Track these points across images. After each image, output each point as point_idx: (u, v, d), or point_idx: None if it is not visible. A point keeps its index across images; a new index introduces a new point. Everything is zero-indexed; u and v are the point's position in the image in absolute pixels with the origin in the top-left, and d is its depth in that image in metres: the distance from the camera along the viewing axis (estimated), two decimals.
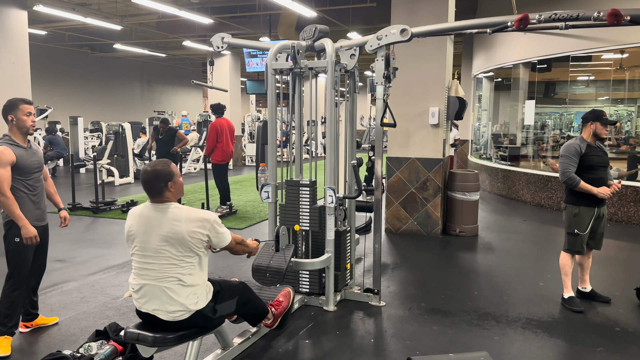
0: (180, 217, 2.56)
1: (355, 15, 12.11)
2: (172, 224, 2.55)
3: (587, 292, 4.30)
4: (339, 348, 3.39)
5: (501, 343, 3.47)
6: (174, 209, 2.60)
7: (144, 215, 2.63)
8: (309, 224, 4.03)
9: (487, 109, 12.30)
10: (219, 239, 2.68)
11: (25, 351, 3.34)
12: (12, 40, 9.21)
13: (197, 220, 2.57)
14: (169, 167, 2.66)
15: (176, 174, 2.68)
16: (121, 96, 22.41)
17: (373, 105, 21.19)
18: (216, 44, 4.50)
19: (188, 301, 2.60)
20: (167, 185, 2.62)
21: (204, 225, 2.58)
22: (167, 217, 2.57)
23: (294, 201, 4.07)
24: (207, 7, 12.56)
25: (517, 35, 8.79)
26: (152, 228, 2.58)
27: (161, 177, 2.61)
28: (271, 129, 4.14)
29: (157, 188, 2.60)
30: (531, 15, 3.47)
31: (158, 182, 2.60)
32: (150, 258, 2.58)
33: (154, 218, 2.59)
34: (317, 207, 4.00)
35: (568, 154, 4.02)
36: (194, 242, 2.56)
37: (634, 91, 9.29)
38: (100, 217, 7.63)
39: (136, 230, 2.62)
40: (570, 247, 4.14)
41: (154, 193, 2.62)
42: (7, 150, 3.23)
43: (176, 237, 2.54)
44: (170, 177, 2.63)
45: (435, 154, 6.40)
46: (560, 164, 4.07)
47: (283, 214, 4.11)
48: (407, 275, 4.99)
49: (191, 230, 2.55)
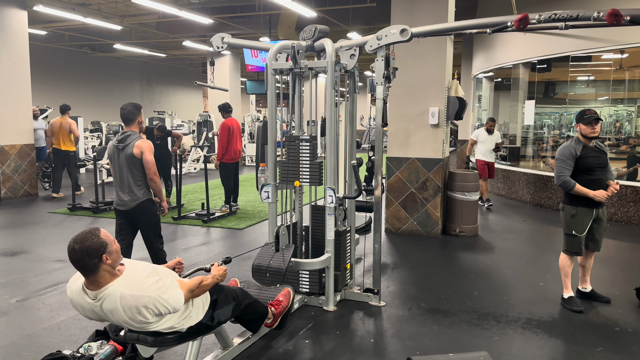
0: (116, 308, 2.32)
1: (355, 15, 12.11)
2: (113, 316, 2.36)
3: (587, 292, 4.29)
4: (339, 348, 3.39)
5: (501, 343, 3.48)
6: (108, 299, 2.32)
7: (83, 307, 2.40)
8: (309, 180, 3.97)
9: (487, 109, 12.30)
10: (170, 309, 2.40)
11: (26, 351, 3.34)
12: (12, 40, 9.22)
13: (135, 309, 2.32)
14: (99, 239, 2.31)
15: (109, 242, 2.35)
16: (121, 96, 22.39)
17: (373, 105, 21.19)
18: (216, 44, 4.50)
19: (182, 325, 2.60)
20: (101, 259, 2.29)
21: (142, 312, 2.34)
22: (106, 309, 2.34)
23: (294, 157, 4.00)
24: (207, 7, 12.56)
25: (517, 35, 8.79)
26: (101, 316, 2.42)
27: (92, 253, 2.27)
28: (271, 129, 4.14)
29: (91, 266, 2.28)
30: (531, 15, 3.47)
31: (90, 258, 2.27)
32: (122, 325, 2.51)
33: (95, 310, 2.38)
34: (317, 163, 3.96)
35: (562, 157, 3.98)
36: (143, 325, 2.40)
37: (633, 91, 9.29)
38: (100, 217, 7.63)
39: (88, 317, 2.48)
40: (569, 248, 4.11)
41: (88, 272, 2.30)
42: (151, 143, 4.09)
43: (125, 322, 2.41)
44: (104, 249, 2.30)
45: (435, 154, 6.40)
46: (555, 167, 4.03)
47: (284, 171, 4.04)
48: (407, 275, 4.99)
49: (133, 318, 2.37)
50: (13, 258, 5.50)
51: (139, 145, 3.94)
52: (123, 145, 3.98)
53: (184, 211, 7.96)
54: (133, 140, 3.97)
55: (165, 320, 2.50)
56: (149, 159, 3.97)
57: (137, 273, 2.40)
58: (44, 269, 5.07)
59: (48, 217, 7.66)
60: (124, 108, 4.03)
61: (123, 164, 4.00)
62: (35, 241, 6.22)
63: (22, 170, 9.42)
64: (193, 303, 2.65)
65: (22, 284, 4.66)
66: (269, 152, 4.10)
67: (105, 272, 2.33)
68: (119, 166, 4.03)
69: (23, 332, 3.62)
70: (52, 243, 6.13)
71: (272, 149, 4.10)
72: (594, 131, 3.93)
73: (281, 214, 4.24)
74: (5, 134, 9.17)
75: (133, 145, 3.94)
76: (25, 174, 9.50)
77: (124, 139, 4.00)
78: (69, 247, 2.29)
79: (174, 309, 2.43)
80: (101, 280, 2.33)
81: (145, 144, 3.98)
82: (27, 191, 9.53)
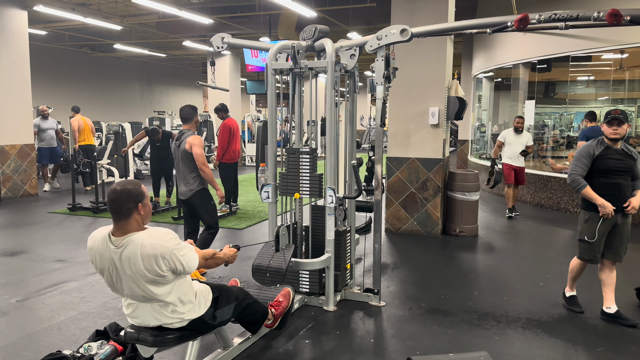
0: (135, 254, 2.38)
1: (355, 16, 12.11)
2: (129, 264, 2.39)
3: (611, 313, 3.82)
4: (339, 348, 3.39)
5: (501, 343, 3.48)
6: (130, 245, 2.39)
7: (103, 255, 2.46)
8: (309, 192, 3.98)
9: (487, 109, 12.30)
10: (182, 268, 2.46)
11: (26, 351, 3.34)
12: (12, 40, 9.22)
13: (152, 257, 2.37)
14: (140, 188, 2.46)
15: (146, 196, 2.49)
16: (121, 96, 22.41)
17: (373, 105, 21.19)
18: (216, 44, 4.50)
19: (183, 314, 2.60)
20: (137, 206, 2.41)
21: (159, 261, 2.39)
22: (124, 256, 2.39)
23: (294, 169, 4.02)
24: (207, 7, 12.56)
25: (517, 35, 8.79)
26: (115, 267, 2.45)
27: (132, 197, 2.40)
28: (271, 129, 4.14)
29: (126, 209, 2.39)
30: (531, 15, 3.47)
31: (128, 201, 2.39)
32: (127, 289, 2.50)
33: (114, 258, 2.42)
34: (317, 175, 3.97)
35: (579, 154, 3.78)
36: (155, 277, 2.42)
37: (633, 91, 9.30)
38: (101, 217, 7.63)
39: (101, 268, 2.51)
40: (582, 256, 3.89)
41: (121, 215, 2.40)
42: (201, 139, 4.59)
43: (138, 274, 2.42)
44: (141, 198, 2.43)
45: (435, 154, 6.40)
46: (570, 164, 3.84)
47: (284, 183, 4.06)
48: (407, 275, 4.99)
49: (148, 268, 2.39)
50: (13, 258, 5.50)
51: (189, 141, 4.56)
52: (179, 142, 4.61)
53: None
54: (186, 137, 4.59)
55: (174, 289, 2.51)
56: (197, 151, 4.54)
57: (158, 230, 2.49)
58: (44, 269, 5.07)
59: (48, 217, 7.66)
60: (183, 109, 4.67)
61: (179, 159, 4.64)
62: (35, 241, 6.22)
63: (22, 170, 9.43)
64: (196, 295, 2.66)
65: (22, 284, 4.66)
66: (269, 152, 4.10)
67: (134, 221, 2.44)
68: (177, 160, 4.67)
69: (23, 332, 3.62)
70: (52, 243, 6.13)
71: (272, 149, 4.10)
72: (615, 132, 3.66)
73: (281, 214, 4.24)
74: (5, 134, 9.17)
75: (185, 142, 4.56)
76: (25, 174, 9.50)
77: (180, 137, 4.63)
78: (111, 188, 2.43)
79: (188, 268, 2.49)
80: (129, 227, 2.43)
81: (195, 140, 4.56)
82: (27, 191, 9.54)
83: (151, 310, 2.55)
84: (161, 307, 2.54)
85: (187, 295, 2.59)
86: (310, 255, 4.21)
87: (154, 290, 2.47)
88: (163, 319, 2.56)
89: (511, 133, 7.68)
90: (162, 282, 2.46)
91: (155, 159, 8.17)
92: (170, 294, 2.52)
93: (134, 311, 2.59)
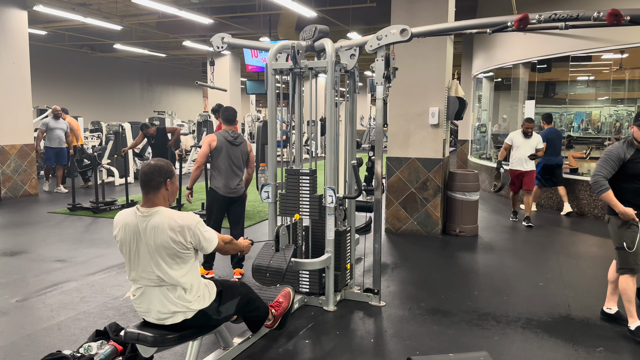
0: (162, 224, 2.51)
1: (355, 15, 12.12)
2: (154, 234, 2.50)
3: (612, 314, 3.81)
4: (339, 348, 3.39)
5: (501, 343, 3.48)
6: (157, 215, 2.54)
7: (128, 224, 2.59)
8: (309, 213, 4.00)
9: (487, 109, 12.30)
10: (204, 244, 2.61)
11: (26, 351, 3.34)
12: (12, 40, 9.22)
13: (178, 227, 2.51)
14: (171, 167, 2.66)
15: (175, 175, 2.68)
16: (121, 96, 22.41)
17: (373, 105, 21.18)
18: (216, 44, 4.50)
19: (190, 303, 2.60)
20: (165, 181, 2.60)
21: (185, 232, 2.52)
22: (150, 225, 2.52)
23: (293, 190, 4.04)
24: (207, 7, 12.56)
25: (517, 35, 8.79)
26: (138, 238, 2.55)
27: (163, 172, 2.59)
28: (271, 129, 4.14)
29: (156, 182, 2.57)
30: (531, 15, 3.47)
31: (159, 175, 2.58)
32: (142, 266, 2.56)
33: (139, 228, 2.54)
34: (317, 196, 3.98)
35: (606, 156, 3.53)
36: (178, 249, 2.52)
37: (634, 91, 9.30)
38: (101, 217, 7.63)
39: (123, 240, 2.60)
40: (623, 266, 3.55)
41: (151, 187, 2.57)
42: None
43: (160, 247, 2.51)
44: (170, 175, 2.63)
45: (435, 154, 6.40)
46: (596, 165, 3.58)
47: (283, 204, 4.09)
48: (407, 275, 4.99)
49: (173, 238, 2.50)
50: (13, 258, 5.50)
51: (249, 144, 4.89)
52: (238, 142, 4.73)
53: (183, 211, 7.94)
54: (244, 139, 4.83)
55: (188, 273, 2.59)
56: (253, 154, 4.95)
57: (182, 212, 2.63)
58: (44, 269, 5.07)
59: (48, 217, 7.66)
60: (228, 110, 4.82)
61: (239, 158, 4.74)
62: (35, 241, 6.22)
63: (22, 170, 9.42)
64: (201, 287, 2.68)
65: (22, 284, 4.66)
66: (269, 152, 4.10)
67: (162, 195, 2.61)
68: (232, 159, 4.70)
69: (23, 332, 3.62)
70: (52, 243, 6.13)
71: (272, 149, 4.10)
72: None
73: (281, 214, 4.23)
74: (5, 134, 9.17)
75: (246, 144, 4.82)
76: (25, 174, 9.49)
77: (237, 137, 4.74)
78: (145, 163, 2.64)
79: (209, 245, 2.63)
80: (156, 200, 2.59)
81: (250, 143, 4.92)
82: (27, 191, 9.53)
83: (159, 295, 2.56)
84: (169, 291, 2.55)
85: (195, 283, 2.63)
86: (310, 255, 4.21)
87: (171, 266, 2.52)
88: (169, 305, 2.57)
89: (519, 135, 7.15)
90: (182, 257, 2.54)
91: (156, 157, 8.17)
92: (181, 278, 2.56)
93: (140, 296, 2.61)
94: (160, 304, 2.58)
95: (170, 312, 2.58)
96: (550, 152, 7.72)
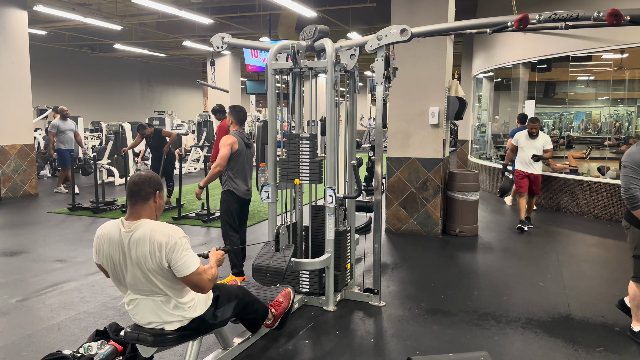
0: (144, 237, 2.41)
1: (355, 16, 12.12)
2: (136, 246, 2.42)
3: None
4: (339, 348, 3.39)
5: (501, 343, 3.47)
6: (140, 228, 2.44)
7: (112, 238, 2.49)
8: (309, 178, 3.98)
9: (487, 109, 12.30)
10: (179, 266, 2.42)
11: (26, 351, 3.34)
12: (12, 40, 9.22)
13: (157, 244, 2.40)
14: (160, 180, 2.63)
15: (163, 190, 2.63)
16: (121, 96, 22.42)
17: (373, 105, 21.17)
18: (216, 44, 4.50)
19: (184, 312, 2.59)
20: (155, 193, 2.53)
21: (163, 249, 2.40)
22: (134, 238, 2.43)
23: (294, 155, 4.01)
24: (207, 7, 12.56)
25: (517, 35, 8.79)
26: (123, 252, 2.46)
27: (152, 183, 2.54)
28: (271, 129, 4.14)
29: (145, 192, 2.50)
30: (531, 15, 3.47)
31: (149, 186, 2.51)
32: (131, 279, 2.50)
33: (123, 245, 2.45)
34: (317, 160, 3.96)
35: (633, 164, 3.27)
36: (154, 266, 2.42)
37: (633, 91, 9.30)
38: (101, 217, 7.63)
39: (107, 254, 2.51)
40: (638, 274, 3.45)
41: (140, 197, 2.48)
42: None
43: (140, 262, 2.42)
44: (160, 188, 2.58)
45: (435, 154, 6.40)
46: (622, 177, 3.35)
47: (284, 169, 4.05)
48: (407, 275, 4.99)
49: (152, 252, 2.40)
50: (13, 258, 5.50)
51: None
52: (251, 143, 4.78)
53: (184, 211, 7.96)
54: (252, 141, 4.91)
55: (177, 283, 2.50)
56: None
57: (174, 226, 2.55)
58: (44, 269, 5.07)
59: (48, 217, 7.66)
60: (242, 111, 4.78)
61: (250, 159, 4.78)
62: (35, 241, 6.22)
63: (22, 170, 9.42)
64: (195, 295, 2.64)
65: (22, 284, 4.66)
66: (269, 152, 4.10)
67: (149, 207, 2.53)
68: (248, 161, 4.74)
69: (23, 332, 3.62)
70: (52, 243, 6.13)
71: (272, 149, 4.10)
72: None
73: (281, 214, 4.24)
74: (5, 134, 9.17)
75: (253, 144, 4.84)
76: (25, 174, 9.49)
77: (250, 139, 4.77)
78: (135, 174, 2.57)
79: (187, 268, 2.43)
80: (143, 212, 2.51)
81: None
82: (27, 191, 9.53)
83: (153, 306, 2.54)
84: (163, 304, 2.54)
85: (188, 292, 2.59)
86: (310, 255, 4.21)
87: (157, 279, 2.46)
88: (164, 316, 2.55)
89: (524, 137, 6.86)
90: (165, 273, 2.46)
91: (155, 159, 8.17)
92: (172, 288, 2.52)
93: (134, 307, 2.58)
94: (155, 314, 2.56)
95: (165, 322, 2.57)
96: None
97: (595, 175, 8.01)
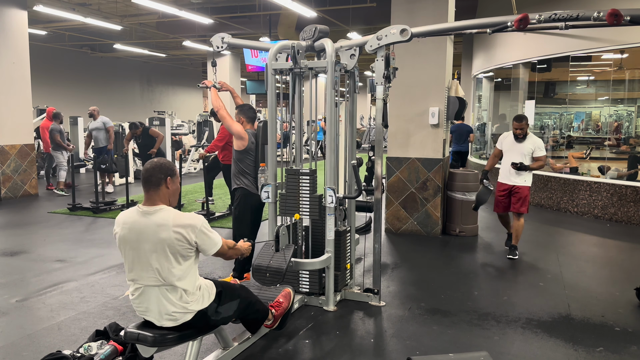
0: (167, 221, 2.50)
1: (355, 16, 12.12)
2: (158, 231, 2.49)
3: None
4: (339, 348, 3.39)
5: (501, 343, 3.48)
6: (161, 212, 2.54)
7: (130, 222, 2.57)
8: (309, 213, 4.00)
9: (487, 109, 12.31)
10: (207, 245, 2.60)
11: (26, 351, 3.34)
12: (12, 40, 9.22)
13: (183, 226, 2.51)
14: (172, 165, 2.67)
15: (177, 174, 2.67)
16: (121, 96, 22.41)
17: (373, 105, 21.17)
18: (216, 44, 4.50)
19: (188, 304, 2.60)
20: (166, 179, 2.59)
21: (190, 231, 2.52)
22: (154, 222, 2.51)
23: (294, 190, 4.04)
24: (207, 7, 12.56)
25: (517, 35, 8.79)
26: (140, 236, 2.53)
27: (163, 169, 2.59)
28: (271, 129, 4.14)
29: (156, 178, 2.57)
30: (531, 15, 3.47)
31: (160, 172, 2.58)
32: (142, 265, 2.55)
33: (141, 224, 2.53)
34: (317, 196, 3.98)
35: None
36: (182, 248, 2.51)
37: (633, 91, 9.30)
38: (100, 217, 7.63)
39: (124, 237, 2.57)
40: None
41: (151, 183, 2.57)
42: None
43: (164, 244, 2.49)
44: (171, 174, 2.62)
45: (435, 154, 6.40)
46: None
47: (283, 203, 4.08)
48: (407, 275, 4.99)
49: (177, 236, 2.49)
50: (13, 258, 5.50)
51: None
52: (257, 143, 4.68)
53: (184, 211, 7.92)
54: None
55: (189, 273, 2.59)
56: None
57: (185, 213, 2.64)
58: (44, 269, 5.07)
59: (48, 217, 7.66)
60: (252, 109, 4.72)
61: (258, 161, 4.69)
62: (35, 241, 6.22)
63: (22, 170, 9.42)
64: (201, 287, 2.68)
65: (22, 284, 4.66)
66: (269, 152, 4.11)
67: (162, 193, 2.59)
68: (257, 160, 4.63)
69: (23, 332, 3.62)
70: (52, 243, 6.13)
71: (272, 149, 4.10)
72: None
73: (281, 214, 4.23)
74: (5, 134, 9.17)
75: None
76: (25, 174, 9.49)
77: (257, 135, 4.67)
78: (148, 162, 2.64)
79: (212, 247, 2.63)
80: (157, 198, 2.58)
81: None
82: (27, 191, 9.53)
83: (158, 295, 2.55)
84: (168, 292, 2.55)
85: (194, 284, 2.63)
86: (310, 255, 4.21)
87: (172, 265, 2.51)
88: (168, 305, 2.56)
89: (509, 139, 5.49)
90: (184, 256, 2.53)
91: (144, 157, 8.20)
92: (181, 278, 2.55)
93: (139, 296, 2.61)
94: (159, 304, 2.57)
95: (168, 312, 2.58)
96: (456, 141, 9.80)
97: (595, 175, 8.02)
